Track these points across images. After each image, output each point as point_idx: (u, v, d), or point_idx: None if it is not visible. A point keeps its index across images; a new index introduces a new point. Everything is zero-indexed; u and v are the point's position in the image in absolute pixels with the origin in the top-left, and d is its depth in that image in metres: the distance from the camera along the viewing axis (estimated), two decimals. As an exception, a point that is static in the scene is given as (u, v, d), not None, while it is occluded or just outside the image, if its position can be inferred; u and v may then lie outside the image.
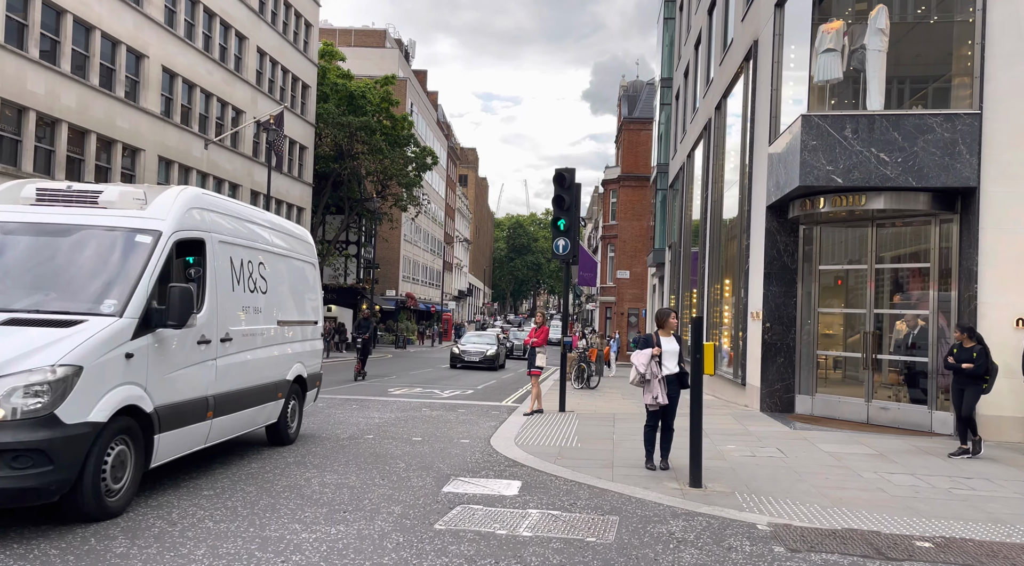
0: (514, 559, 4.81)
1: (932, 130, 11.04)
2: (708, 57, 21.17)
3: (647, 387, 7.74)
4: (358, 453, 8.49)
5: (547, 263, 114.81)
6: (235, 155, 31.13)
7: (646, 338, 7.96)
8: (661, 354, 7.72)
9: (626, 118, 46.10)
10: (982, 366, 8.96)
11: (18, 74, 19.83)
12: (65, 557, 4.60)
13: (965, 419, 9.15)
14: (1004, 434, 10.41)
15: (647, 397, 7.76)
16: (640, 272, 42.81)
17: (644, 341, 7.94)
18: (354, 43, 57.94)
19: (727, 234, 17.63)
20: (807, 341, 13.23)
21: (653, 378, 7.68)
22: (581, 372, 18.97)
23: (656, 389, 7.67)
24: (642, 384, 7.77)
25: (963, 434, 9.21)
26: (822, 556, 5.08)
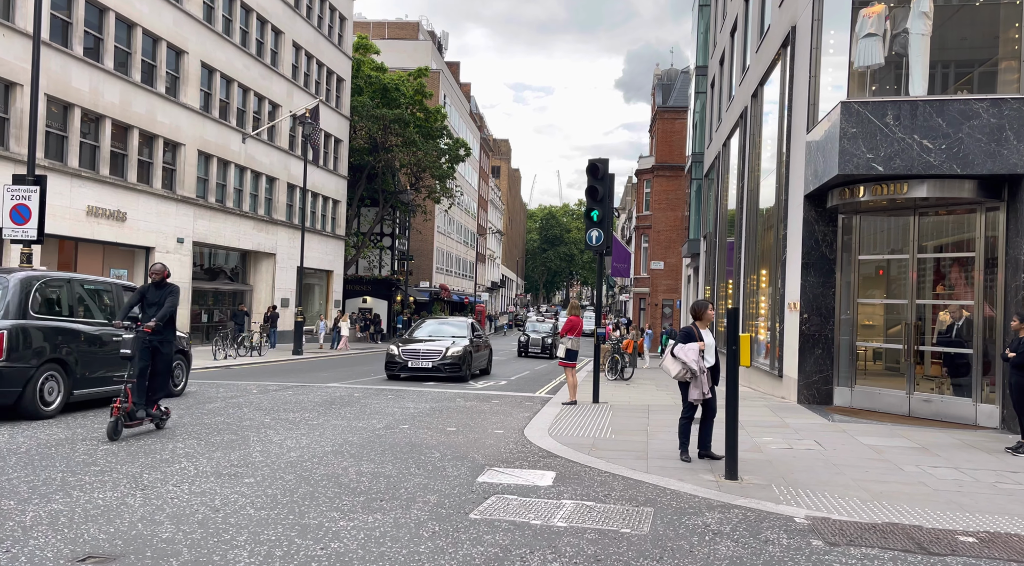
0: (549, 549, 4.84)
1: (978, 116, 10.74)
2: (744, 44, 20.83)
3: (695, 382, 7.69)
4: (394, 443, 8.60)
5: (580, 254, 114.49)
6: (272, 149, 31.56)
7: (687, 331, 7.87)
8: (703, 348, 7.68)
9: (660, 107, 45.63)
10: None
11: (63, 71, 20.35)
12: (114, 541, 4.74)
13: (1017, 412, 8.92)
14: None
15: (695, 392, 7.71)
16: (674, 263, 42.44)
17: (686, 334, 7.86)
18: (388, 36, 58.22)
19: (763, 224, 17.39)
20: (846, 332, 13.01)
21: (702, 373, 7.65)
22: (615, 363, 18.91)
23: (704, 384, 7.65)
24: (691, 379, 7.71)
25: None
26: (862, 550, 5.01)
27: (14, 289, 9.10)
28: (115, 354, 9.76)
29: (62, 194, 20.07)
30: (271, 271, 31.94)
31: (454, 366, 16.97)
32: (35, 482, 6.20)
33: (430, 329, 19.26)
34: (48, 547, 4.59)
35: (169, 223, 24.94)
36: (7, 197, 13.95)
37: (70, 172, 20.61)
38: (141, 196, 23.59)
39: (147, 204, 23.87)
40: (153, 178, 24.35)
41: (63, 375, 9.63)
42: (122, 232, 22.81)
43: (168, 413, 9.14)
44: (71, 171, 20.64)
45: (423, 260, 54.35)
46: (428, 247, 55.15)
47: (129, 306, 8.83)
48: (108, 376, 10.41)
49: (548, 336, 31.99)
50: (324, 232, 36.21)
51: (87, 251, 22.29)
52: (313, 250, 33.63)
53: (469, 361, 17.56)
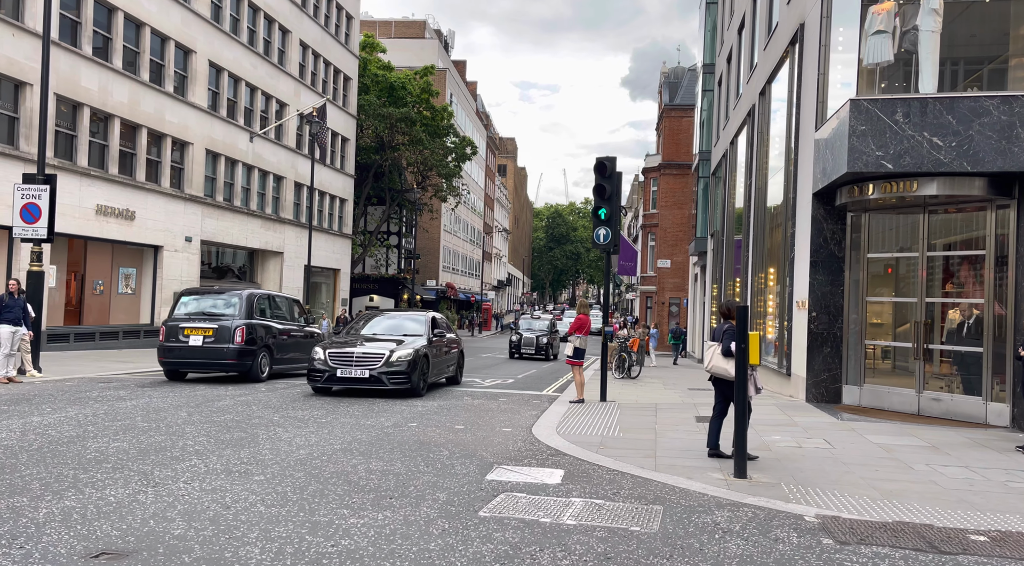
0: (558, 547, 4.85)
1: (988, 113, 10.67)
2: (752, 42, 20.76)
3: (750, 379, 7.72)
4: (402, 441, 8.61)
5: (586, 252, 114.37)
6: (279, 147, 31.65)
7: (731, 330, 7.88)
8: None
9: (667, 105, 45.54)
10: None
11: (72, 71, 20.44)
12: (126, 538, 4.77)
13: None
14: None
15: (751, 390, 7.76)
16: (681, 261, 42.37)
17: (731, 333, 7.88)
18: (394, 34, 58.29)
19: (771, 222, 17.33)
20: (855, 330, 12.96)
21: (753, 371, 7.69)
22: (622, 362, 18.89)
23: (758, 380, 7.71)
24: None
25: None
26: (872, 549, 5.00)
27: (244, 300, 14.75)
28: (294, 343, 16.32)
29: (71, 193, 20.17)
30: (278, 270, 32.03)
31: (400, 376, 12.49)
32: (47, 479, 6.24)
33: (377, 326, 14.47)
34: (61, 543, 4.62)
35: (177, 222, 25.03)
36: (17, 196, 14.02)
37: (79, 171, 20.71)
38: (150, 195, 23.69)
39: (155, 203, 23.97)
40: (161, 177, 24.45)
41: (270, 355, 15.26)
42: (131, 231, 22.91)
43: None
44: (80, 170, 20.74)
45: (430, 259, 54.40)
46: (435, 246, 55.19)
47: None
48: (292, 357, 16.20)
49: (544, 334, 28.56)
50: (331, 231, 36.29)
51: (96, 250, 22.40)
52: (320, 248, 33.71)
53: (424, 368, 12.99)
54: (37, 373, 13.83)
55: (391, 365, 12.56)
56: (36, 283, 14.24)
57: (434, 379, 13.98)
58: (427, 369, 13.25)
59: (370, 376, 12.46)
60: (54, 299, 20.36)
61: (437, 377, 14.23)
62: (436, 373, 14.03)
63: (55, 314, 20.63)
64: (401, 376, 12.58)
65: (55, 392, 11.93)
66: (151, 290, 24.40)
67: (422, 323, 14.34)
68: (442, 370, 14.53)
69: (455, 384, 15.56)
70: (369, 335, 13.98)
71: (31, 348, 13.77)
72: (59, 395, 11.59)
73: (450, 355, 15.03)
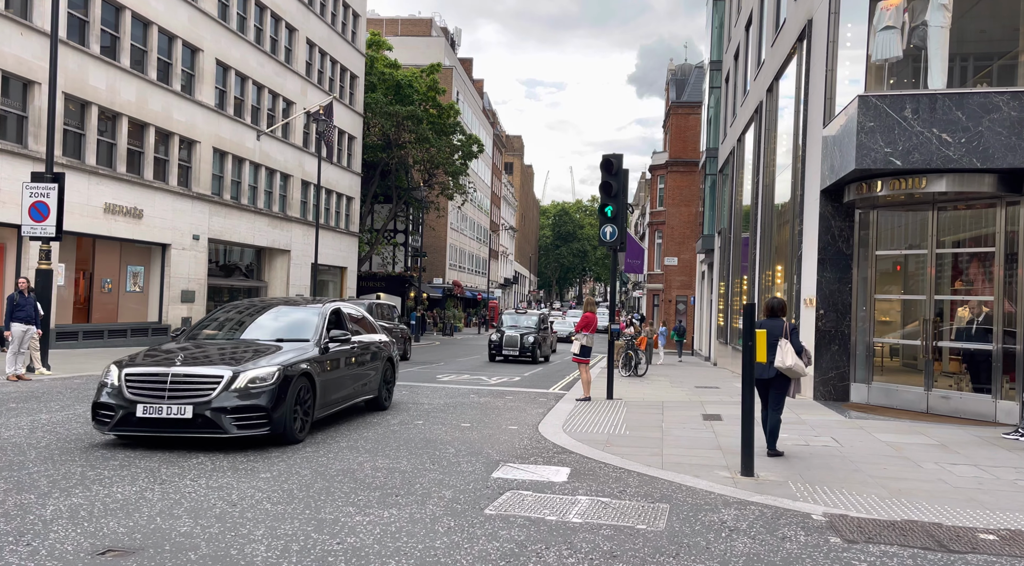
0: (564, 545, 4.83)
1: (998, 109, 10.59)
2: (759, 38, 20.67)
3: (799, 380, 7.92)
4: (408, 438, 8.62)
5: (593, 250, 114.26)
6: (286, 146, 31.70)
7: (794, 328, 7.96)
8: None
9: (674, 102, 45.41)
10: None
11: (80, 70, 20.52)
12: (133, 535, 4.79)
13: None
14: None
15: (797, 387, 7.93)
16: (688, 259, 42.26)
17: (796, 330, 7.99)
18: (400, 32, 58.29)
19: (779, 219, 17.26)
20: (863, 328, 12.89)
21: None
22: (628, 360, 18.86)
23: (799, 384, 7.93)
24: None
25: None
26: (880, 547, 4.97)
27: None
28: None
29: (80, 191, 20.25)
30: (285, 268, 32.09)
31: (252, 413, 7.56)
32: (55, 476, 6.26)
33: (236, 325, 9.53)
34: (68, 540, 4.63)
35: (185, 220, 25.11)
36: (26, 194, 14.09)
37: (87, 170, 20.79)
38: (157, 193, 23.77)
39: (163, 201, 24.05)
40: (169, 175, 24.52)
41: None
42: (139, 229, 23.00)
43: None
44: (88, 169, 20.83)
45: (436, 256, 54.43)
46: (441, 243, 55.22)
47: None
48: None
49: (531, 333, 23.85)
50: (338, 229, 36.34)
51: (104, 248, 22.49)
52: (327, 246, 33.77)
53: (302, 396, 8.21)
54: (46, 371, 13.90)
55: (235, 395, 7.41)
56: (45, 281, 14.31)
57: (332, 410, 9.19)
58: (312, 397, 8.38)
59: (194, 416, 7.29)
60: (63, 297, 20.45)
61: (340, 404, 9.44)
62: (337, 398, 9.25)
63: (64, 312, 20.74)
64: (254, 413, 7.49)
65: (63, 390, 11.99)
66: (159, 288, 24.49)
67: (306, 327, 9.08)
68: (351, 392, 9.65)
69: (379, 408, 10.81)
70: (215, 341, 8.94)
71: (40, 346, 13.84)
72: (67, 393, 11.64)
73: (366, 367, 10.13)
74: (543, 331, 24.80)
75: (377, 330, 11.21)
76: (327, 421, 9.67)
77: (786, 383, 7.86)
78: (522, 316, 25.58)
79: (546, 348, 25.14)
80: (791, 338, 7.78)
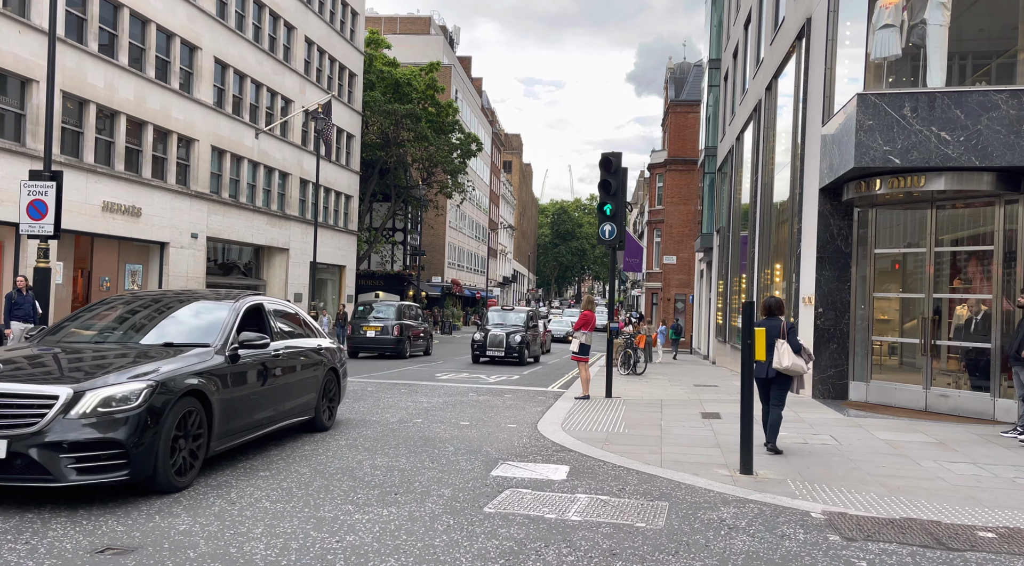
0: (564, 543, 4.83)
1: (997, 107, 10.59)
2: (758, 37, 20.66)
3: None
4: (407, 437, 8.61)
5: (591, 249, 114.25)
6: (285, 144, 31.67)
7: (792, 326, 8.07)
8: None
9: (673, 101, 45.40)
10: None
11: (78, 67, 20.48)
12: (131, 533, 4.78)
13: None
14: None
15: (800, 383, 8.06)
16: (687, 257, 42.27)
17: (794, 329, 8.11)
18: (399, 31, 58.24)
19: (778, 218, 17.26)
20: (861, 327, 12.90)
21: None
22: (627, 358, 18.86)
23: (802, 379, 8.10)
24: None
25: None
26: (879, 545, 4.97)
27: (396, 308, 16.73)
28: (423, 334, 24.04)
29: (78, 189, 20.22)
30: (284, 266, 32.08)
31: (93, 453, 5.25)
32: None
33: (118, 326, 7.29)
34: (67, 538, 4.63)
35: (183, 218, 25.08)
36: (24, 192, 14.06)
37: (86, 168, 20.76)
38: (156, 191, 23.74)
39: (161, 199, 24.02)
40: (167, 174, 24.49)
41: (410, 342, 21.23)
42: (137, 227, 22.97)
43: None
44: (87, 167, 20.80)
45: (435, 255, 54.41)
46: (440, 242, 55.20)
47: None
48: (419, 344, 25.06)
49: (518, 331, 21.67)
50: (337, 227, 36.32)
51: (103, 246, 22.46)
52: (326, 245, 33.74)
53: (163, 432, 5.61)
54: (44, 369, 13.87)
55: (79, 423, 5.24)
56: (43, 279, 14.28)
57: (242, 439, 6.91)
58: (206, 424, 6.20)
59: (9, 455, 5.12)
60: (61, 295, 20.42)
61: (255, 431, 7.13)
62: (250, 423, 6.99)
63: (62, 310, 20.70)
64: (105, 451, 5.31)
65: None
66: (157, 286, 24.46)
67: (218, 318, 7.05)
68: (271, 413, 7.41)
69: (316, 429, 8.63)
70: (79, 344, 6.70)
71: (38, 344, 13.81)
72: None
73: (298, 380, 8.02)
74: (532, 329, 22.94)
75: (317, 333, 8.97)
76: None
77: (788, 380, 7.97)
78: (509, 313, 23.43)
79: (536, 348, 23.30)
80: (788, 337, 7.84)
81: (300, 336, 8.47)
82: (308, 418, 8.42)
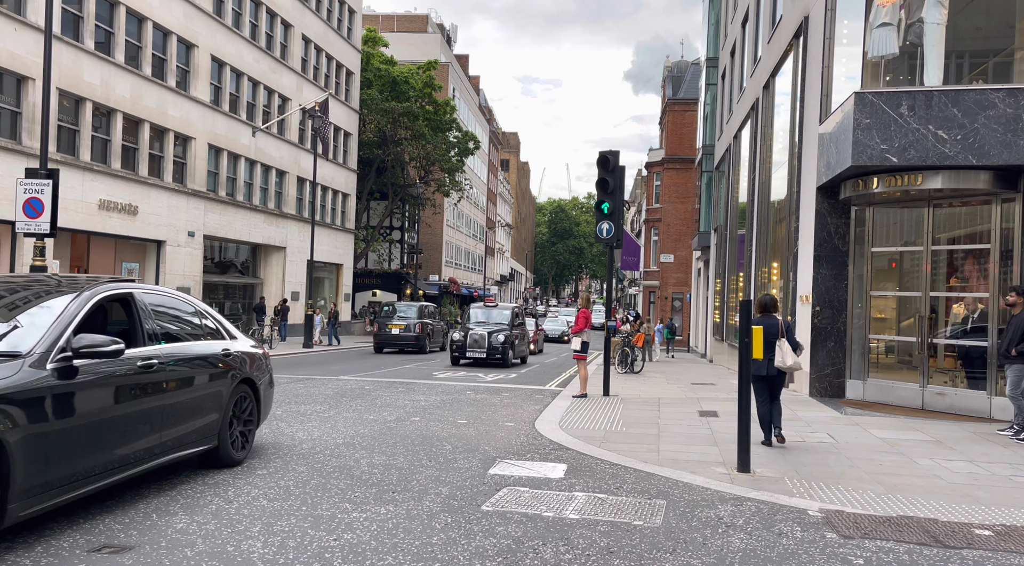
0: (561, 541, 4.83)
1: (994, 106, 10.61)
2: (756, 35, 20.67)
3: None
4: (405, 435, 8.61)
5: (589, 247, 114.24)
6: (282, 142, 31.62)
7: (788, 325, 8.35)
8: None
9: (670, 99, 45.40)
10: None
11: (75, 65, 20.42)
12: (128, 532, 4.78)
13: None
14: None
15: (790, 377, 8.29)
16: (684, 256, 42.29)
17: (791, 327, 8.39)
18: (396, 29, 58.15)
19: (775, 216, 17.28)
20: (858, 325, 12.92)
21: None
22: (625, 356, 18.87)
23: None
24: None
25: None
26: (876, 543, 4.98)
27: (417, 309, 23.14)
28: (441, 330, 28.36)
29: (74, 188, 20.17)
30: (281, 264, 32.04)
31: None
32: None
33: None
34: (63, 537, 4.62)
35: (180, 216, 25.03)
36: (20, 191, 14.02)
37: (82, 166, 20.71)
38: (152, 189, 23.69)
39: (158, 197, 23.97)
40: (164, 172, 24.44)
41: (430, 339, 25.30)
42: (134, 226, 22.92)
43: None
44: (83, 165, 20.75)
45: (432, 253, 54.37)
46: (437, 240, 55.16)
47: None
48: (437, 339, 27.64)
49: (502, 330, 19.98)
50: (334, 225, 36.28)
51: (99, 245, 22.41)
52: (323, 243, 33.71)
53: None
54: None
55: None
56: (39, 278, 14.24)
57: (82, 490, 4.87)
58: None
59: None
60: (57, 294, 20.37)
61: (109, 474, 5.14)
62: (96, 464, 4.98)
63: (58, 309, 20.65)
64: None
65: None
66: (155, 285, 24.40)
67: (43, 313, 5.13)
68: (141, 447, 5.48)
69: (220, 463, 6.62)
70: None
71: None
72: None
73: (186, 398, 6.08)
74: (519, 328, 21.14)
75: (226, 334, 7.07)
76: (327, 418, 9.64)
77: (784, 375, 8.31)
78: (493, 310, 21.54)
79: (523, 348, 21.48)
80: (787, 336, 7.96)
81: (197, 337, 6.54)
82: (208, 448, 6.42)
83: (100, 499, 5.47)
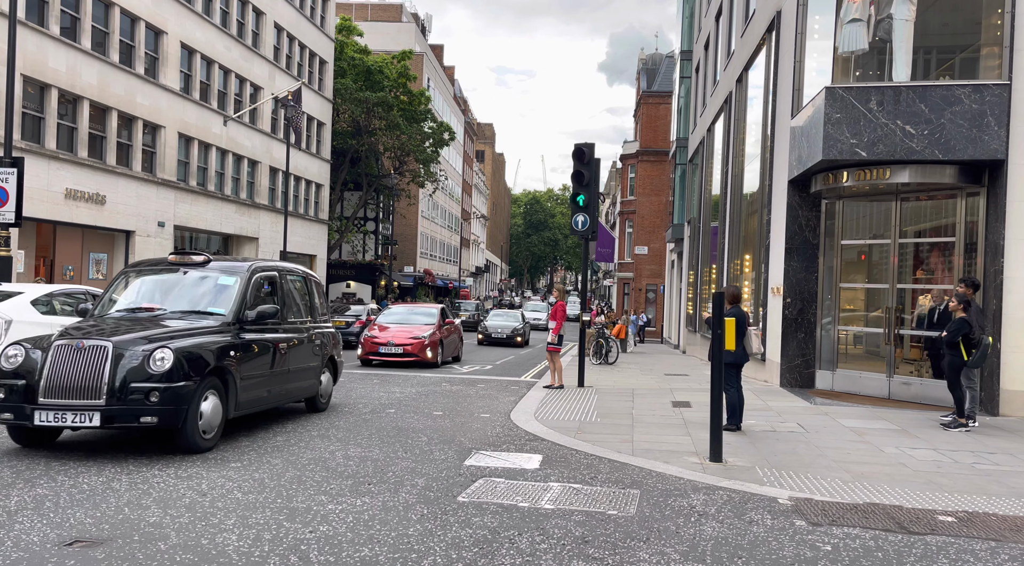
0: (537, 531, 4.88)
1: (960, 101, 10.82)
2: (729, 29, 20.82)
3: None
4: (380, 427, 8.60)
5: (564, 239, 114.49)
6: (254, 132, 31.20)
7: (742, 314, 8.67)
8: None
9: (645, 92, 45.59)
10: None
11: (40, 51, 19.95)
12: (100, 526, 4.73)
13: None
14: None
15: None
16: (658, 248, 42.59)
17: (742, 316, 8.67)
18: (371, 17, 57.57)
19: (747, 209, 17.48)
20: (828, 316, 13.14)
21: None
22: (599, 348, 19.00)
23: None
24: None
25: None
26: (843, 530, 5.10)
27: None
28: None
29: (39, 176, 19.74)
30: (253, 255, 31.69)
31: None
32: (18, 467, 6.14)
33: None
34: (34, 531, 4.56)
35: (150, 206, 24.63)
36: (-17, 179, 13.70)
37: (47, 154, 20.27)
38: (121, 179, 23.26)
39: (127, 187, 23.55)
40: (133, 161, 24.01)
41: None
42: (101, 215, 22.50)
43: None
44: (48, 153, 20.30)
45: (407, 245, 54.13)
46: (412, 232, 54.92)
47: None
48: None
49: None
50: (307, 216, 35.95)
51: (66, 234, 21.98)
52: (296, 234, 33.39)
53: None
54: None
55: None
56: (4, 268, 13.96)
57: None
58: None
59: None
60: (23, 285, 19.96)
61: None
62: None
63: (24, 300, 20.23)
64: None
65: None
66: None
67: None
68: None
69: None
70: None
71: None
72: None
73: None
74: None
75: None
76: (300, 410, 9.58)
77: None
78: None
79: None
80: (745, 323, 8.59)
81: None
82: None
83: (70, 492, 5.40)
